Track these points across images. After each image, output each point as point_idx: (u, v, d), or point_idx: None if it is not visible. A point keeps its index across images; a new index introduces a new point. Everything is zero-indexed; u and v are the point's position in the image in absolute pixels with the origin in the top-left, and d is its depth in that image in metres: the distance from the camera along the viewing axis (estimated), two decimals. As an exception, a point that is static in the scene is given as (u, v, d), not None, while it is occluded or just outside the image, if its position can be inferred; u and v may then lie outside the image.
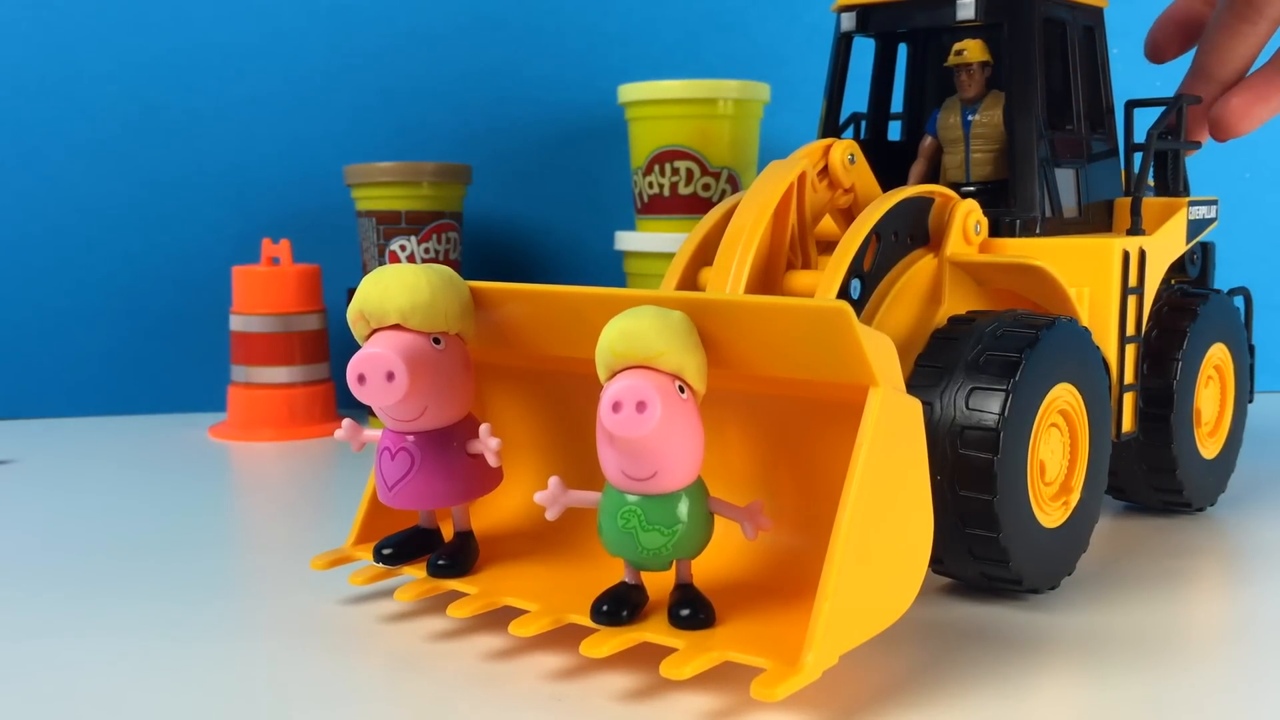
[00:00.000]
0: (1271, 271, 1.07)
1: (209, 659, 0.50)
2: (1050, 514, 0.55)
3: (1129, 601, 0.55)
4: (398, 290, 0.50)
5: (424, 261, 0.96)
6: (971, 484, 0.51)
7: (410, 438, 0.53)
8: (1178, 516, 0.69)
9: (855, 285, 0.54)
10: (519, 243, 1.09)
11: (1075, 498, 0.56)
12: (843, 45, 0.68)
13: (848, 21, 0.66)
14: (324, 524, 0.71)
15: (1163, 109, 0.67)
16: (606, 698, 0.45)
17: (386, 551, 0.55)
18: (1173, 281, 0.70)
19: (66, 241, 1.05)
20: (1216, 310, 0.67)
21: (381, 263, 0.97)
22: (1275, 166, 1.08)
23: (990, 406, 0.51)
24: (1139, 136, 0.69)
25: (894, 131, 0.73)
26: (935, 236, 0.58)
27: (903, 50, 0.72)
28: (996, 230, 0.60)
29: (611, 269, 1.04)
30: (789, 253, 0.57)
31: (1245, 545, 0.65)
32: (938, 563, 0.54)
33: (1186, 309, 0.66)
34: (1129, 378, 0.62)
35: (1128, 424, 0.63)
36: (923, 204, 0.58)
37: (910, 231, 0.57)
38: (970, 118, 0.64)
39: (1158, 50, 0.76)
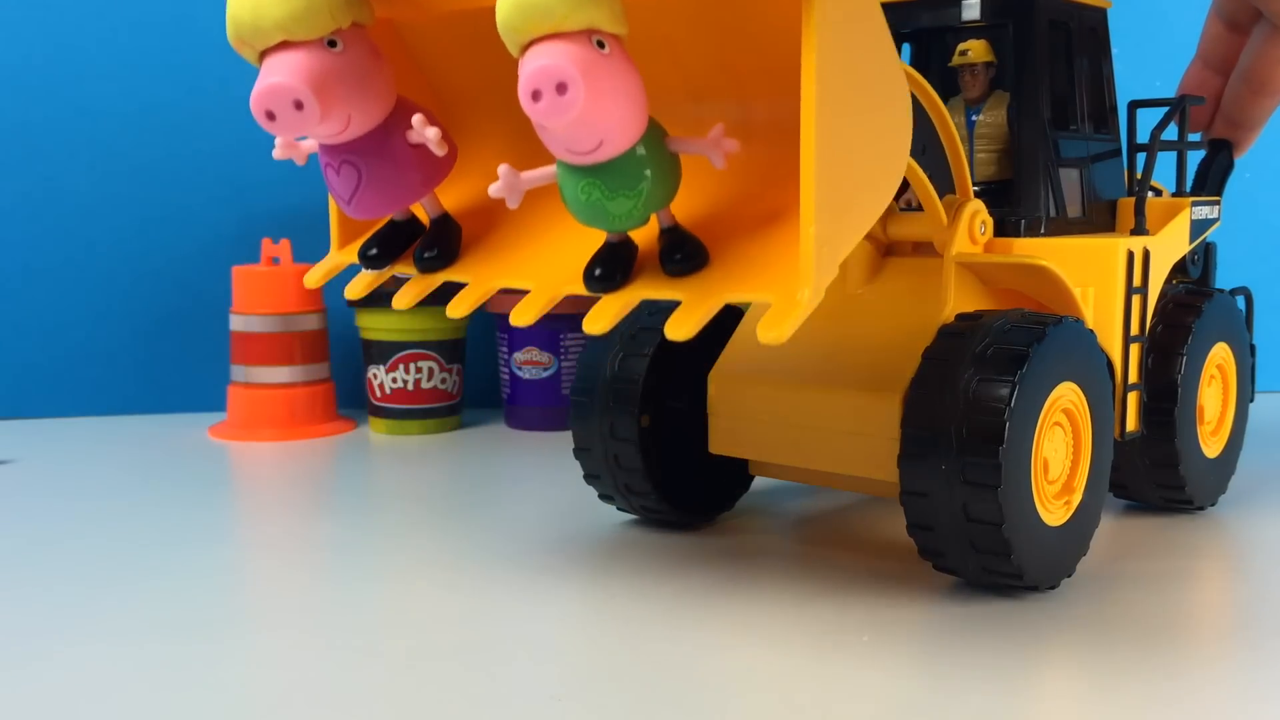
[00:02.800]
0: (1272, 272, 1.07)
1: (209, 659, 0.49)
2: (1053, 512, 0.55)
3: (1131, 600, 0.55)
4: (268, 3, 0.45)
5: (424, 261, 0.96)
6: (977, 474, 0.51)
7: (348, 148, 0.48)
8: (1179, 515, 0.69)
9: None
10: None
11: (1077, 498, 0.56)
12: (847, 45, 0.68)
13: (852, 21, 0.66)
14: (324, 524, 0.71)
15: (1166, 109, 0.67)
16: (608, 697, 0.45)
17: (372, 253, 0.53)
18: (1175, 282, 0.71)
19: (66, 241, 1.05)
20: (1220, 309, 0.68)
21: (382, 262, 0.96)
22: (1275, 166, 1.08)
23: (998, 397, 0.51)
24: (1142, 136, 0.69)
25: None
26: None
27: (906, 50, 0.72)
28: (1001, 230, 0.61)
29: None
30: None
31: (1246, 544, 0.65)
32: (939, 556, 0.54)
33: (1191, 306, 0.66)
34: (1133, 377, 0.62)
35: (1131, 423, 0.63)
36: None
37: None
38: (974, 118, 0.64)
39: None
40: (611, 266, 0.46)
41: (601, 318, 0.45)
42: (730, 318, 0.67)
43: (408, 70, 0.56)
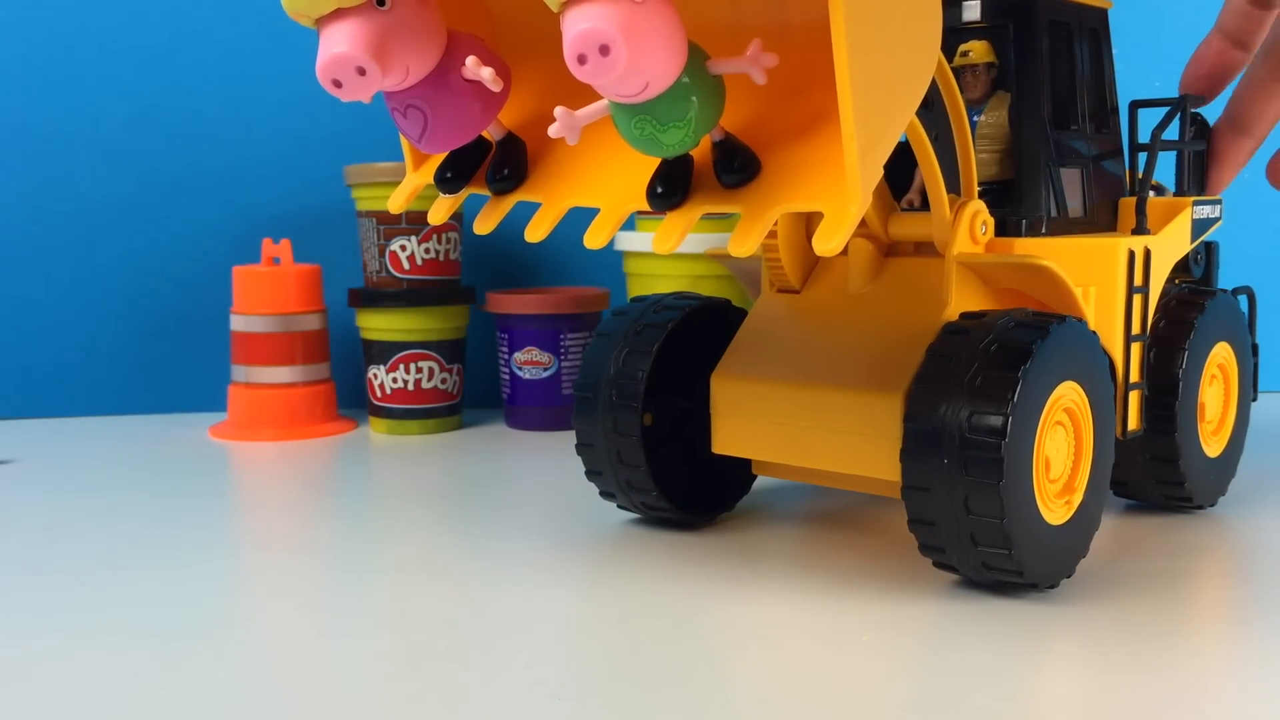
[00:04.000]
0: (1274, 271, 1.07)
1: (208, 657, 0.49)
2: (1054, 510, 0.55)
3: (1130, 599, 0.55)
4: None
5: (424, 262, 0.96)
6: (979, 468, 0.51)
7: (409, 93, 0.51)
8: (1179, 515, 0.69)
9: None
10: (519, 243, 1.09)
11: (1078, 499, 0.56)
12: (848, 45, 0.68)
13: (853, 21, 0.66)
14: (324, 524, 0.71)
15: (1166, 109, 0.67)
16: (608, 697, 0.45)
17: (447, 176, 0.55)
18: (1177, 281, 0.71)
19: (66, 241, 1.05)
20: (1221, 308, 0.68)
21: (382, 263, 0.97)
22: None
23: (1000, 392, 0.51)
24: (1143, 136, 0.69)
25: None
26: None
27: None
28: (1002, 230, 0.61)
29: (612, 269, 1.04)
30: None
31: (1247, 544, 0.65)
32: (939, 552, 0.54)
33: (1194, 303, 0.66)
34: (1134, 376, 0.62)
35: (1133, 422, 0.63)
36: None
37: None
38: (975, 118, 0.64)
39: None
40: (672, 183, 0.49)
41: (669, 237, 0.47)
42: (733, 318, 0.67)
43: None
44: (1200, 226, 0.69)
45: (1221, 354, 0.69)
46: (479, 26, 0.57)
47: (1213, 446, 0.69)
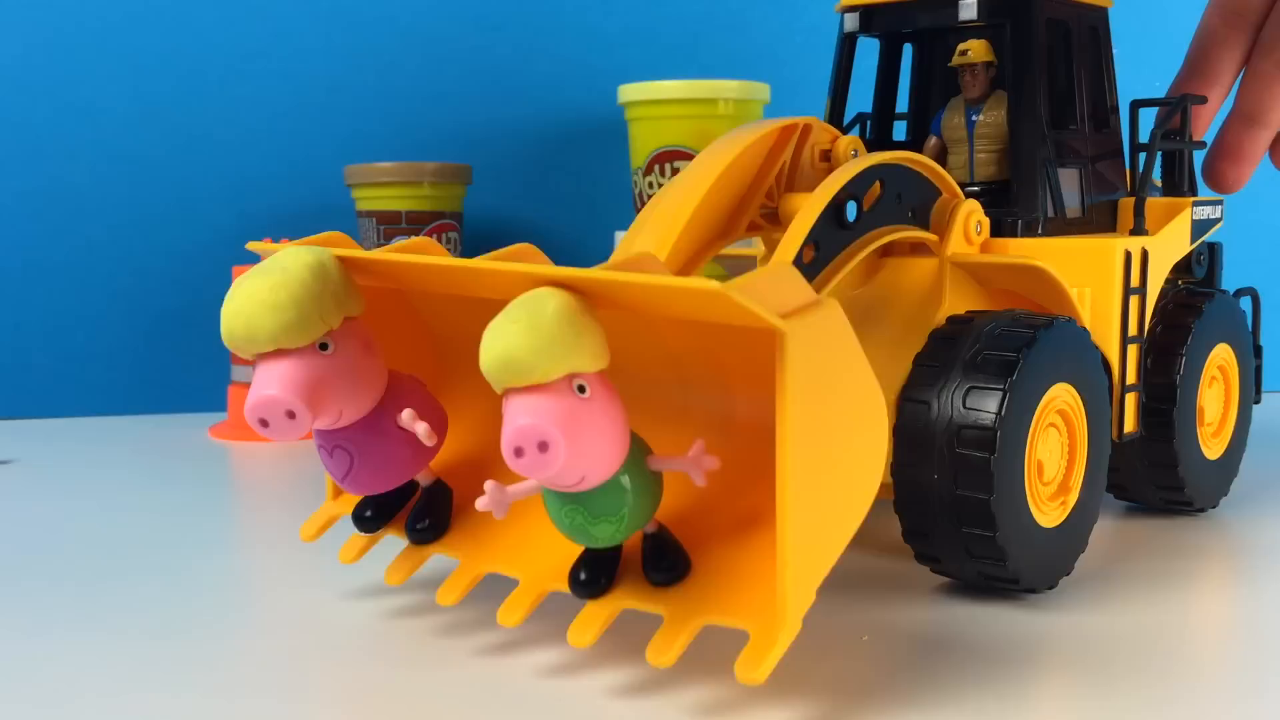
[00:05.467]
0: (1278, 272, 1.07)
1: (208, 658, 0.49)
2: (1048, 514, 0.55)
3: (1130, 601, 0.55)
4: (260, 317, 0.46)
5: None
6: (969, 483, 0.51)
7: (340, 434, 0.50)
8: (1179, 517, 0.69)
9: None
10: (519, 241, 1.09)
11: (1074, 498, 0.56)
12: (846, 46, 0.68)
13: (851, 22, 0.66)
14: (324, 524, 0.70)
15: (1166, 108, 0.67)
16: (601, 694, 0.45)
17: (366, 515, 0.54)
18: (1179, 282, 0.70)
19: (66, 242, 1.05)
20: (1221, 310, 0.67)
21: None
22: None
23: (987, 406, 0.51)
24: (1144, 136, 0.69)
25: (899, 132, 0.73)
26: (936, 228, 0.58)
27: (908, 50, 0.72)
28: (999, 230, 0.60)
29: (612, 269, 1.04)
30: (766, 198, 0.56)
31: (1248, 545, 0.65)
32: (935, 561, 0.54)
33: (1191, 307, 0.66)
34: (1131, 378, 0.62)
35: (1130, 424, 0.62)
36: (931, 191, 0.58)
37: (913, 204, 0.57)
38: (974, 118, 0.64)
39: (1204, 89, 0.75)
40: (595, 571, 0.47)
41: (587, 630, 0.46)
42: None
43: (403, 318, 0.56)
44: (1200, 227, 0.69)
45: (1221, 355, 0.69)
46: (423, 359, 0.56)
47: (1213, 449, 0.68)
